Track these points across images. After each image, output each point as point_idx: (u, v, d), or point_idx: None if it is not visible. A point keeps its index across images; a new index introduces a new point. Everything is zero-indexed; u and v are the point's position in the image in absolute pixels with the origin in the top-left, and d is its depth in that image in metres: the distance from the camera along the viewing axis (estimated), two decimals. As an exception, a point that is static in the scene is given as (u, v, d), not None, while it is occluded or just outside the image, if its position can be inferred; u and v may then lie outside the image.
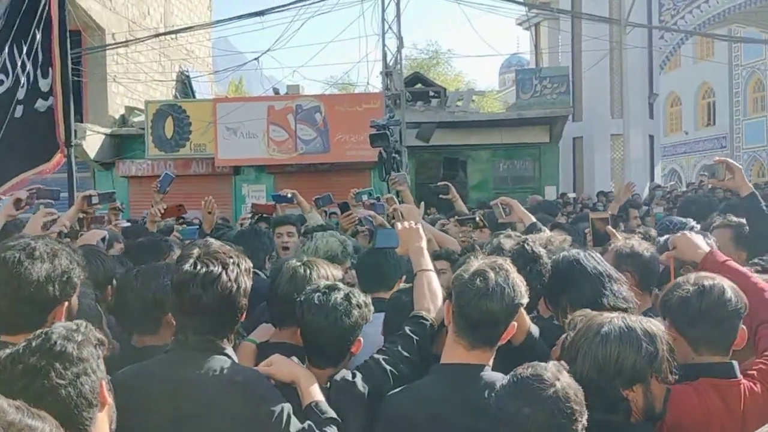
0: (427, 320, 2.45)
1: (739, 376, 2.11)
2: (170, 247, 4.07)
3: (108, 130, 17.09)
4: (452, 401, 2.09)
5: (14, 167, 5.33)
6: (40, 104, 5.65)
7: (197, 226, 5.75)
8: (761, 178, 29.87)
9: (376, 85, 18.24)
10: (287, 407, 2.06)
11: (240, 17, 16.05)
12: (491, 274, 2.12)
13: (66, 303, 2.14)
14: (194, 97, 19.51)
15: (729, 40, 25.90)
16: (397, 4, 14.64)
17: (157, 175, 17.87)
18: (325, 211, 5.61)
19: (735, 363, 2.14)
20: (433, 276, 2.65)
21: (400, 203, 4.72)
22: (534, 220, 4.08)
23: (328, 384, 2.26)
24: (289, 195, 5.53)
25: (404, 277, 3.12)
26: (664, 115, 33.96)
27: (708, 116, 36.42)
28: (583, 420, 1.67)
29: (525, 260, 2.57)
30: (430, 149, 16.60)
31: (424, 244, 2.79)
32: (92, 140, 16.32)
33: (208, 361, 2.10)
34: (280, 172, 17.05)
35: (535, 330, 2.42)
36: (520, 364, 1.82)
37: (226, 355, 2.17)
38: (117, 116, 18.07)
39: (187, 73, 20.74)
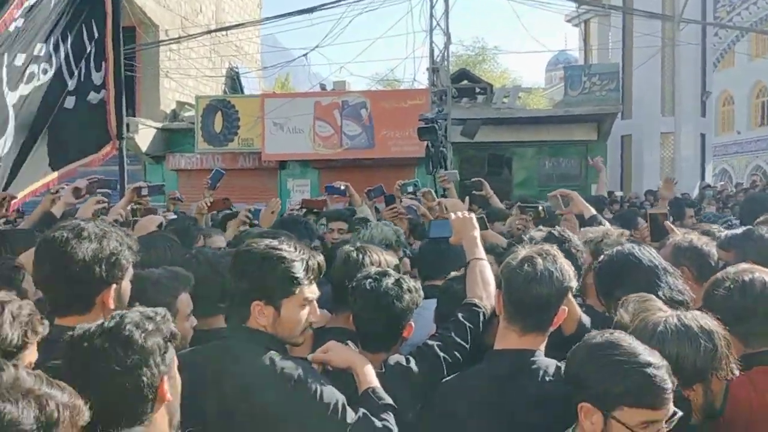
0: (480, 308, 2.48)
1: None
2: (200, 230, 4.24)
3: (159, 125, 17.52)
4: (506, 387, 2.11)
5: (64, 156, 5.46)
6: (93, 96, 5.79)
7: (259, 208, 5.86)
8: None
9: (422, 81, 18.24)
10: (341, 399, 2.07)
11: (289, 14, 16.21)
12: (539, 260, 2.16)
13: (114, 285, 2.11)
14: (243, 92, 19.85)
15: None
16: (446, 1, 14.59)
17: (207, 169, 18.30)
18: (376, 207, 5.67)
19: None
20: (486, 265, 2.68)
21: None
22: (594, 212, 4.07)
23: (383, 368, 2.29)
24: (342, 187, 5.59)
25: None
26: (716, 114, 33.04)
27: (762, 116, 35.33)
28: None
29: (553, 242, 2.68)
30: (474, 146, 16.51)
31: (477, 233, 2.82)
32: (144, 134, 16.76)
33: (261, 353, 2.09)
34: (325, 167, 17.21)
35: (586, 320, 2.44)
36: None
37: (279, 342, 2.18)
38: (168, 111, 18.49)
39: (236, 69, 21.11)
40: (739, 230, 3.50)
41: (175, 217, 6.87)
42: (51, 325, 1.85)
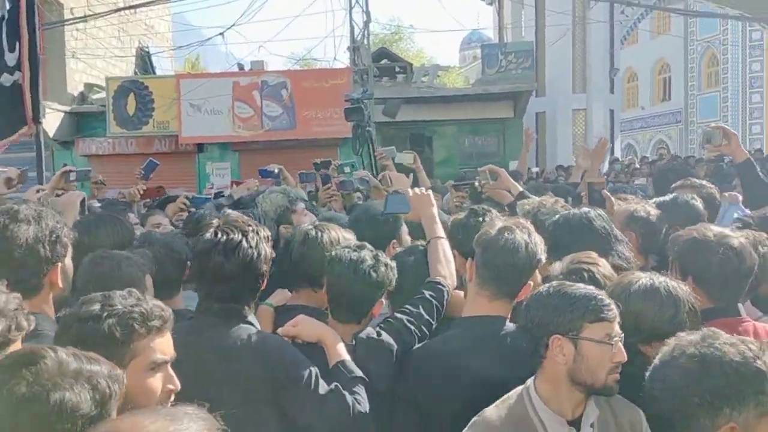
0: (445, 287, 2.55)
1: (745, 315, 2.26)
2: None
3: (67, 108, 16.70)
4: (479, 350, 2.20)
5: None
6: (5, 78, 5.52)
7: (208, 197, 5.74)
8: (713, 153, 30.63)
9: (343, 61, 18.12)
10: (314, 370, 2.13)
11: (202, -9, 15.68)
12: (516, 231, 2.26)
13: (59, 264, 2.11)
14: (154, 73, 19.15)
15: (687, 14, 26.46)
16: (364, -21, 14.54)
17: (120, 154, 17.54)
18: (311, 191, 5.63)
19: (741, 305, 2.29)
20: (446, 243, 2.74)
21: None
22: (521, 188, 4.18)
23: (353, 341, 2.33)
24: (276, 170, 5.52)
25: (395, 242, 3.17)
26: (622, 91, 34.60)
27: (664, 91, 37.22)
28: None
29: (476, 216, 2.82)
30: (396, 125, 16.62)
31: (435, 211, 2.88)
32: (51, 118, 15.89)
33: (233, 328, 2.16)
34: (246, 150, 16.89)
35: None
36: None
37: (249, 322, 2.24)
38: (76, 93, 17.64)
39: (147, 49, 20.34)
40: (668, 197, 3.70)
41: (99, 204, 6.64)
42: None
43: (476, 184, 4.29)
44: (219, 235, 2.20)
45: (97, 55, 18.29)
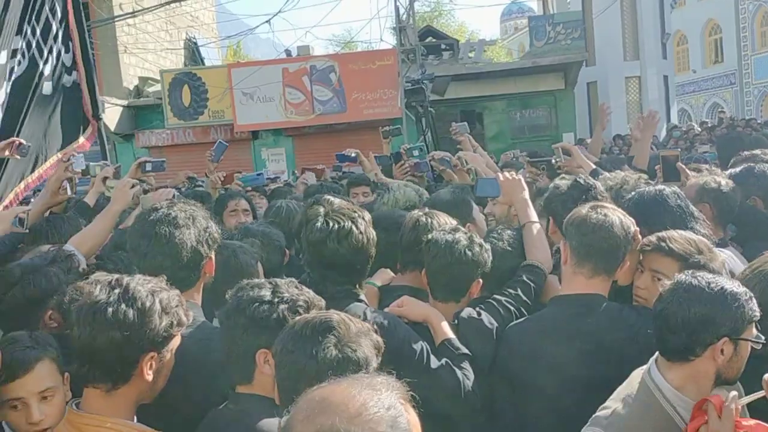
0: (542, 269, 2.64)
1: None
2: None
3: (125, 102, 17.17)
4: (577, 327, 2.25)
5: (51, 144, 5.29)
6: (66, 79, 5.63)
7: (261, 172, 5.90)
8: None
9: (388, 41, 18.09)
10: (425, 345, 2.26)
11: (248, -20, 15.85)
12: (607, 209, 2.32)
13: (212, 255, 2.29)
14: (203, 63, 19.52)
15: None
16: (409, -41, 14.50)
17: (178, 144, 17.96)
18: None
19: None
20: (540, 227, 2.80)
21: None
22: (594, 165, 4.18)
23: (455, 321, 2.44)
24: (353, 154, 5.61)
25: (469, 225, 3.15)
26: (672, 55, 33.67)
27: (715, 53, 36.03)
28: None
29: (580, 191, 2.82)
30: (445, 103, 16.62)
31: (527, 195, 2.92)
32: (110, 113, 16.39)
33: (349, 307, 2.29)
34: (298, 134, 17.16)
35: None
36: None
37: (362, 300, 2.40)
38: (131, 87, 18.11)
39: (194, 40, 20.71)
40: (739, 168, 3.69)
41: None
42: None
43: (553, 160, 4.33)
44: (331, 224, 2.34)
45: (147, 49, 18.72)
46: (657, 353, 1.87)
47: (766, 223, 3.27)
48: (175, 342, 1.75)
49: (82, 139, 5.65)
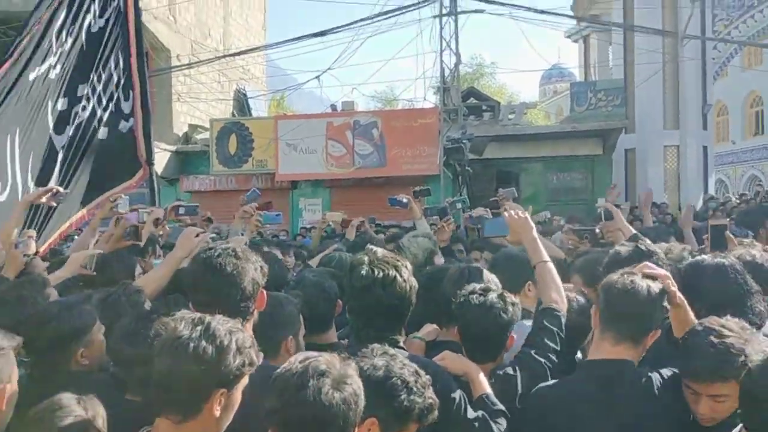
0: (560, 312, 2.70)
1: None
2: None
3: (173, 147, 17.81)
4: (599, 396, 2.28)
5: (100, 185, 5.58)
6: (123, 125, 5.98)
7: (279, 213, 6.09)
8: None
9: (431, 100, 18.49)
10: (463, 395, 2.34)
11: (299, 38, 16.53)
12: (636, 276, 2.34)
13: (261, 291, 2.39)
14: (251, 114, 20.20)
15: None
16: (455, 22, 15.00)
17: (221, 190, 18.41)
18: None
19: None
20: (552, 267, 2.84)
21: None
22: (634, 231, 4.24)
23: (492, 378, 2.51)
24: (405, 200, 5.67)
25: (530, 283, 3.24)
26: (712, 125, 33.62)
27: (756, 125, 35.88)
28: None
29: (641, 257, 2.83)
30: (482, 162, 16.89)
31: (536, 234, 2.95)
32: (158, 157, 16.76)
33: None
34: (337, 186, 17.54)
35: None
36: None
37: (401, 347, 2.47)
38: (181, 134, 18.80)
39: (244, 92, 21.48)
40: None
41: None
42: None
43: (597, 230, 4.41)
44: (376, 272, 2.44)
45: (199, 99, 19.48)
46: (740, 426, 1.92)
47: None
48: (244, 381, 1.83)
49: (130, 182, 5.96)
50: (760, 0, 18.59)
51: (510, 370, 2.54)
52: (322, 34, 15.35)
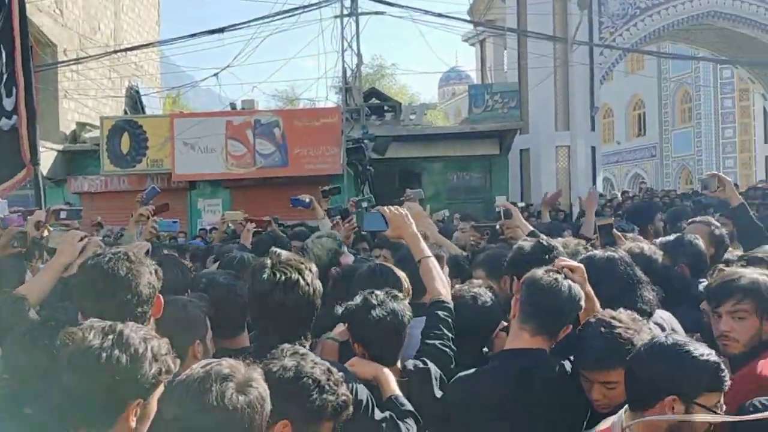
0: (449, 303, 2.76)
1: None
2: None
3: (60, 146, 16.85)
4: (523, 381, 2.38)
5: None
6: (4, 123, 5.65)
7: (176, 221, 5.86)
8: (689, 185, 31.58)
9: (328, 99, 18.46)
10: (370, 397, 2.31)
11: (196, 35, 16.06)
12: (560, 276, 2.45)
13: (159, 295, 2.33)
14: (144, 112, 19.41)
15: (666, 57, 27.48)
16: (357, 22, 15.04)
17: (112, 191, 17.63)
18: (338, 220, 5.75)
19: None
20: (435, 261, 2.91)
21: None
22: (531, 228, 4.40)
23: (403, 376, 2.51)
24: (307, 200, 5.60)
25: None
26: (599, 127, 35.52)
27: (639, 127, 38.26)
28: None
29: (543, 251, 2.98)
30: (385, 162, 17.04)
31: (415, 229, 3.01)
32: (44, 156, 15.74)
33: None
34: (237, 186, 17.16)
35: None
36: None
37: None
38: (68, 132, 17.81)
39: (136, 89, 20.62)
40: (672, 237, 4.01)
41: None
42: None
43: (497, 226, 4.53)
44: (278, 275, 2.37)
45: (88, 95, 18.53)
46: (626, 405, 2.02)
47: (693, 289, 3.53)
48: (161, 389, 1.76)
49: (10, 182, 5.57)
50: (642, 10, 19.77)
51: (421, 363, 2.55)
52: (221, 30, 15.00)
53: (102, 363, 1.62)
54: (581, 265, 2.55)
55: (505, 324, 2.94)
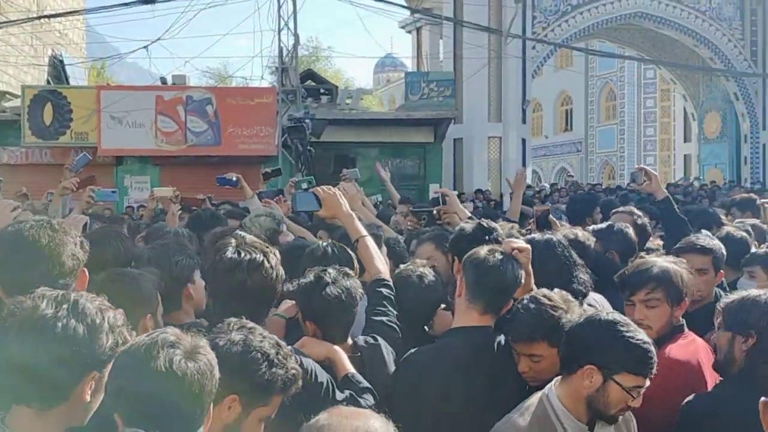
0: (389, 280, 2.82)
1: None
2: None
3: (-24, 115, 15.99)
4: (476, 356, 2.46)
5: None
6: None
7: (115, 190, 5.65)
8: (611, 180, 32.84)
9: (263, 79, 18.20)
10: (330, 379, 2.33)
11: (125, 5, 15.49)
12: (504, 255, 2.54)
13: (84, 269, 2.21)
14: (68, 83, 18.62)
15: (594, 54, 28.38)
16: (294, 1, 14.87)
17: (34, 164, 16.93)
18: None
19: None
20: (371, 240, 2.95)
21: None
22: (468, 213, 4.52)
23: (356, 352, 2.53)
24: (234, 178, 5.50)
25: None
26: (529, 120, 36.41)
27: (566, 122, 39.42)
28: None
29: (484, 233, 3.04)
30: (320, 145, 16.92)
31: (349, 208, 3.03)
32: (-41, 125, 15.23)
33: None
34: (167, 164, 16.71)
35: None
36: None
37: None
38: (-14, 100, 16.91)
39: (60, 58, 19.73)
40: (604, 225, 4.20)
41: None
42: None
43: (434, 212, 4.61)
44: (242, 254, 2.37)
45: (8, 62, 17.61)
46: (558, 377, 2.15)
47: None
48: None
49: None
50: (573, 7, 20.34)
51: (371, 339, 2.59)
52: (152, 1, 14.51)
53: (57, 333, 1.53)
54: (528, 246, 2.64)
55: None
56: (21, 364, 1.53)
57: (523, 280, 2.58)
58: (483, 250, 2.58)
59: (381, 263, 2.87)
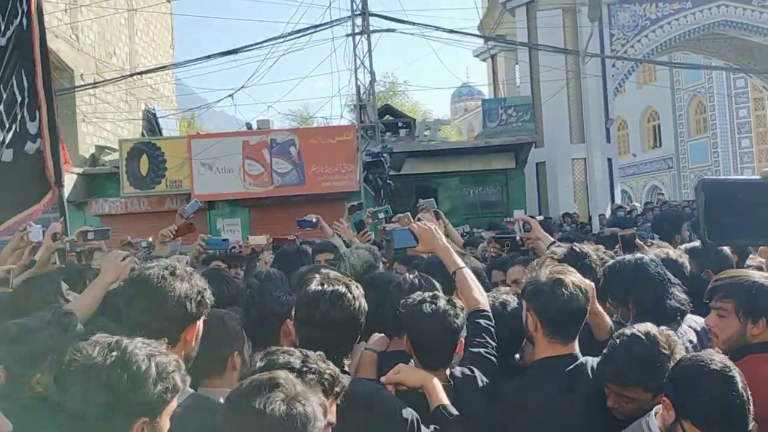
0: (488, 311, 2.79)
1: None
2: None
3: (80, 170, 17.08)
4: (569, 387, 2.42)
5: (6, 210, 5.24)
6: (29, 147, 5.72)
7: (226, 238, 5.88)
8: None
9: (342, 117, 18.60)
10: (416, 416, 2.30)
11: (210, 57, 16.29)
12: (568, 279, 2.47)
13: (198, 322, 2.27)
14: (161, 134, 19.66)
15: (678, 67, 27.47)
16: (368, 40, 15.18)
17: (133, 213, 17.78)
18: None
19: None
20: (469, 271, 2.93)
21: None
22: (552, 239, 4.41)
23: (450, 382, 2.52)
24: (314, 220, 5.62)
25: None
26: (614, 139, 35.43)
27: (654, 138, 38.09)
28: None
29: (576, 258, 3.04)
30: (401, 178, 17.10)
31: (446, 242, 3.03)
32: (65, 180, 16.27)
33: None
34: (255, 206, 17.28)
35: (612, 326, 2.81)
36: None
37: (347, 372, 2.39)
38: (87, 156, 18.06)
39: (153, 112, 20.90)
40: (696, 243, 4.02)
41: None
42: None
43: (517, 237, 4.55)
44: (325, 286, 2.41)
45: (106, 119, 18.80)
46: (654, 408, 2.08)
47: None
48: (171, 407, 1.72)
49: (38, 205, 5.67)
50: (653, 21, 19.81)
51: (467, 371, 2.57)
52: (234, 52, 15.20)
53: (102, 381, 1.59)
54: (592, 284, 2.60)
55: None
56: (74, 409, 1.61)
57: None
58: (547, 283, 2.49)
59: (480, 294, 2.84)
